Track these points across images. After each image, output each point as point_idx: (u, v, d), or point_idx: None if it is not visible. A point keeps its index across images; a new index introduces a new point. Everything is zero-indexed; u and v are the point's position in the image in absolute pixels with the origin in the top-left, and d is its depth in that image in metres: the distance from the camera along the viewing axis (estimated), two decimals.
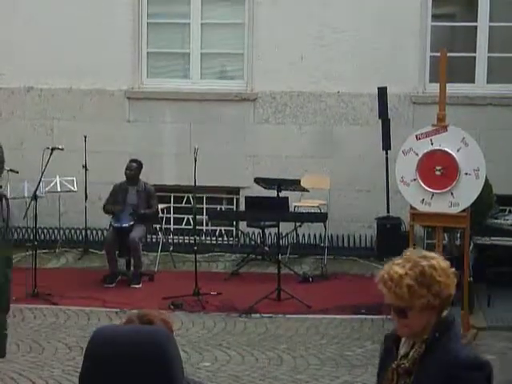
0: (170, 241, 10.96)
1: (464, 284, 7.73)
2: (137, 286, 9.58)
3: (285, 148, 11.10)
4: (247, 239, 11.06)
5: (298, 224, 10.57)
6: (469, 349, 2.92)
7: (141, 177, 10.06)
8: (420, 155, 7.72)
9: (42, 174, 9.38)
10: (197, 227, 10.23)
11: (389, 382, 3.01)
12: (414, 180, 7.74)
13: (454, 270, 2.96)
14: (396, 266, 2.91)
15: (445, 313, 2.95)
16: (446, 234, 8.51)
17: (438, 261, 2.93)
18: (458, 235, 8.80)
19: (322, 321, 8.35)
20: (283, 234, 10.35)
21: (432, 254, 2.97)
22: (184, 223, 11.43)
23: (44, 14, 11.24)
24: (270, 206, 9.27)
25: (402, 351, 3.01)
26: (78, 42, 11.19)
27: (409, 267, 2.88)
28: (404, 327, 2.95)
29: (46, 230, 11.23)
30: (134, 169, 9.95)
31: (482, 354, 7.35)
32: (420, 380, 2.91)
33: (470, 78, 10.98)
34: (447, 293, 2.90)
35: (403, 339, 3.03)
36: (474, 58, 10.94)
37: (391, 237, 10.47)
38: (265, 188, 10.05)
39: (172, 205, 11.41)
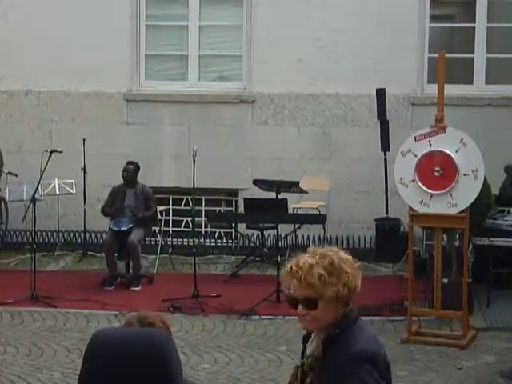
0: (169, 243, 10.95)
1: (463, 285, 7.73)
2: (136, 289, 9.58)
3: (284, 150, 11.10)
4: (246, 241, 11.05)
5: (297, 226, 10.56)
6: (366, 342, 2.88)
7: (139, 179, 10.05)
8: (418, 156, 7.72)
9: (41, 176, 9.37)
10: (196, 229, 10.22)
11: (293, 380, 3.01)
12: (413, 181, 7.74)
13: (357, 265, 2.99)
14: (306, 258, 2.91)
15: (349, 308, 2.94)
16: (445, 235, 8.51)
17: (344, 254, 2.96)
18: (457, 236, 8.80)
19: None
20: (282, 236, 10.34)
21: (336, 249, 2.98)
22: (183, 225, 11.42)
23: (42, 18, 11.24)
24: (269, 208, 9.27)
25: (309, 349, 3.00)
26: (76, 44, 11.19)
27: (318, 257, 2.90)
28: (312, 320, 2.92)
29: (44, 233, 11.23)
30: (131, 171, 9.94)
31: (481, 354, 7.39)
32: (320, 377, 2.90)
33: (469, 79, 10.98)
34: (355, 284, 2.92)
35: (312, 336, 3.00)
36: (473, 58, 10.94)
37: (390, 238, 10.48)
38: (264, 190, 10.04)
39: (171, 207, 11.41)
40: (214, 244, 11.26)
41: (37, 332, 8.09)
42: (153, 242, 10.88)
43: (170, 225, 11.42)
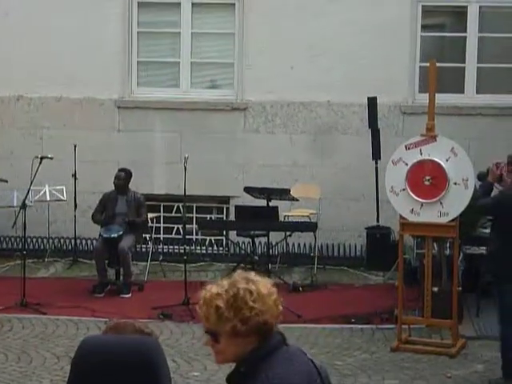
0: (159, 250, 10.94)
1: (453, 293, 7.74)
2: (126, 296, 9.55)
3: (275, 157, 11.11)
4: (237, 248, 11.04)
5: (287, 233, 10.56)
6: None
7: (131, 186, 10.03)
8: (409, 165, 7.74)
9: (31, 183, 9.34)
10: (187, 236, 10.20)
11: None
12: (404, 190, 7.75)
13: (276, 297, 2.76)
14: (214, 286, 2.76)
15: (259, 344, 2.73)
16: (435, 244, 8.52)
17: (259, 286, 2.74)
18: (448, 245, 8.81)
19: (312, 330, 8.34)
20: (273, 244, 10.34)
21: (257, 278, 2.77)
22: (174, 232, 11.41)
23: (34, 24, 11.22)
24: (259, 216, 9.27)
25: None
26: (68, 50, 11.18)
27: (225, 288, 2.73)
28: (218, 354, 2.77)
29: (35, 239, 11.20)
30: (123, 178, 9.92)
31: (471, 363, 7.40)
32: None
33: (460, 89, 11.02)
34: (258, 320, 2.69)
35: None
36: (464, 68, 10.99)
37: (381, 246, 10.49)
38: (255, 197, 10.04)
39: (162, 214, 11.39)
40: (204, 251, 11.25)
41: (26, 339, 8.06)
42: (143, 249, 10.85)
43: (161, 232, 11.40)
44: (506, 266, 6.81)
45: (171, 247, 11.14)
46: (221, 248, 11.33)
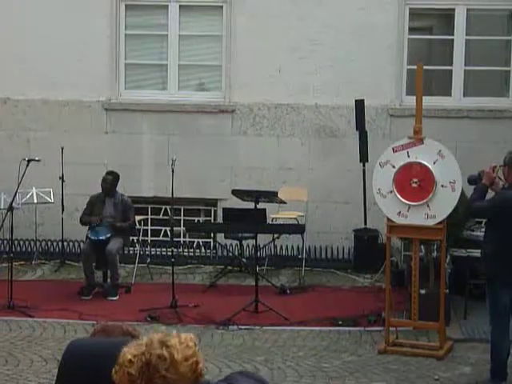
0: (147, 253, 10.92)
1: (441, 296, 7.76)
2: (114, 298, 9.54)
3: (263, 160, 11.12)
4: (225, 251, 11.05)
5: (275, 236, 10.57)
6: None
7: (118, 188, 10.02)
8: (396, 167, 7.76)
9: (19, 185, 9.32)
10: (174, 239, 10.20)
11: None
12: (391, 192, 7.77)
13: (193, 361, 2.70)
14: (132, 348, 2.67)
15: None
16: (422, 246, 8.54)
17: (174, 351, 2.66)
18: (435, 247, 8.83)
19: (300, 333, 8.35)
20: (261, 246, 10.34)
21: (174, 341, 2.69)
22: (161, 235, 11.40)
23: (20, 26, 11.19)
24: (247, 218, 9.26)
25: None
26: (55, 53, 11.16)
27: (140, 352, 2.64)
28: None
29: (22, 242, 11.16)
30: (110, 181, 9.90)
31: (458, 365, 7.42)
32: None
33: (447, 91, 11.06)
34: None
35: None
36: (451, 71, 11.02)
37: (368, 249, 10.51)
38: (242, 200, 10.03)
39: (149, 216, 11.38)
40: (192, 254, 11.24)
41: (13, 341, 8.03)
42: (131, 252, 10.84)
43: (149, 234, 11.39)
44: (502, 267, 6.82)
45: (159, 250, 11.14)
46: (208, 250, 11.33)
